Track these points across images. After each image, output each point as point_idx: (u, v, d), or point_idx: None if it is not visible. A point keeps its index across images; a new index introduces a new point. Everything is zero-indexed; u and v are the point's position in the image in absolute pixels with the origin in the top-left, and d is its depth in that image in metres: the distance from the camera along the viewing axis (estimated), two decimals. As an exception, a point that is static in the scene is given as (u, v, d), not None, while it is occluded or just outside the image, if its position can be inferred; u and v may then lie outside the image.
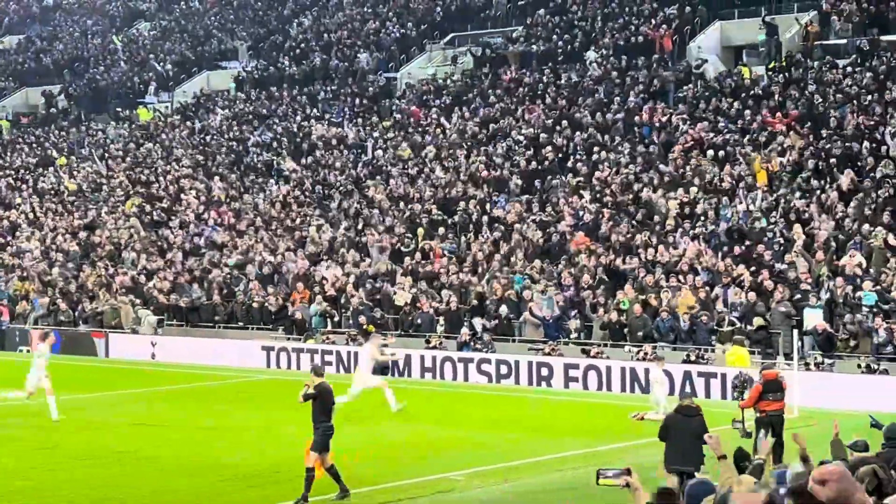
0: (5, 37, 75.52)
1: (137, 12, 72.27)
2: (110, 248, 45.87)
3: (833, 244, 31.78)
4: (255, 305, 38.69)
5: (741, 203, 35.03)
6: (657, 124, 40.95)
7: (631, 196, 37.49)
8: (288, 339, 37.09)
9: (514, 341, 33.60)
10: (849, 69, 39.88)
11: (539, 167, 41.25)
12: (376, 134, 48.75)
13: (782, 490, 6.93)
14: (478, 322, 34.24)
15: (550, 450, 22.36)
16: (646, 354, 30.38)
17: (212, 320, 39.74)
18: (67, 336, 41.47)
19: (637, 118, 41.64)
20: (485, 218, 39.35)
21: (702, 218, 35.09)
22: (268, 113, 54.08)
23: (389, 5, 58.59)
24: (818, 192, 34.34)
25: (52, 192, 53.36)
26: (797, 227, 32.73)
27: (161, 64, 63.09)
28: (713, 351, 30.35)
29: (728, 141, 38.27)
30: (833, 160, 35.17)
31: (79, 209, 50.66)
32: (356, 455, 20.55)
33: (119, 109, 60.69)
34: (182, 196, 48.70)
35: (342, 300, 37.41)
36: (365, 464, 21.05)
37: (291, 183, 47.18)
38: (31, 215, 51.06)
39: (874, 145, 35.12)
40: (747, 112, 39.43)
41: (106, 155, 55.59)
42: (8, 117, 65.17)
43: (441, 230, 39.55)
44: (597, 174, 39.41)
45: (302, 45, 58.27)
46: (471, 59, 51.07)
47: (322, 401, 17.97)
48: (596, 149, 40.86)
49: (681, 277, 32.58)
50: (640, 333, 31.37)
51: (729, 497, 7.10)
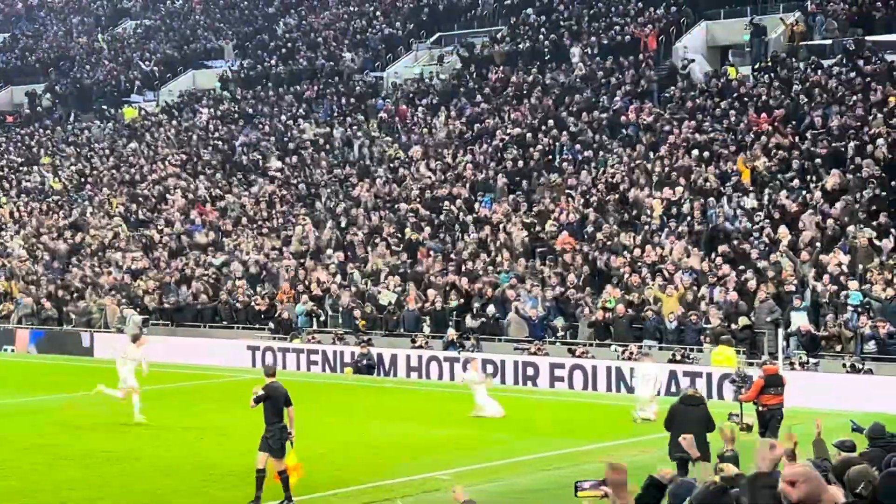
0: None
1: (123, 11, 72.06)
2: (96, 248, 45.74)
3: (818, 244, 31.83)
4: (241, 305, 38.62)
5: (727, 203, 35.05)
6: (643, 124, 40.98)
7: (617, 196, 37.50)
8: (274, 339, 37.01)
9: (500, 340, 33.59)
10: (835, 69, 39.96)
11: (525, 167, 41.25)
12: (362, 133, 48.70)
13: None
14: (468, 321, 34.15)
15: (536, 449, 22.36)
16: (631, 354, 30.40)
17: (197, 320, 39.64)
18: (52, 335, 41.38)
19: (623, 118, 41.67)
20: (471, 217, 39.34)
21: (687, 217, 35.11)
22: (254, 112, 53.97)
23: (376, 4, 58.52)
24: (804, 192, 34.40)
25: (37, 192, 53.20)
26: (782, 228, 32.78)
27: (146, 63, 62.92)
28: (700, 351, 30.36)
29: (714, 140, 38.31)
30: (818, 160, 35.23)
31: (63, 208, 50.51)
32: (341, 454, 20.48)
33: (104, 108, 60.51)
34: (168, 195, 48.56)
35: (328, 299, 37.37)
36: (350, 463, 21.04)
37: (277, 182, 47.07)
38: (17, 214, 50.90)
39: (859, 145, 35.18)
40: (732, 112, 39.48)
41: (91, 154, 55.43)
42: (-8, 116, 65.02)
43: (427, 229, 39.52)
44: (583, 174, 39.42)
45: (288, 45, 58.18)
46: (457, 59, 51.05)
47: (273, 401, 17.68)
48: (579, 147, 40.89)
49: (666, 275, 32.61)
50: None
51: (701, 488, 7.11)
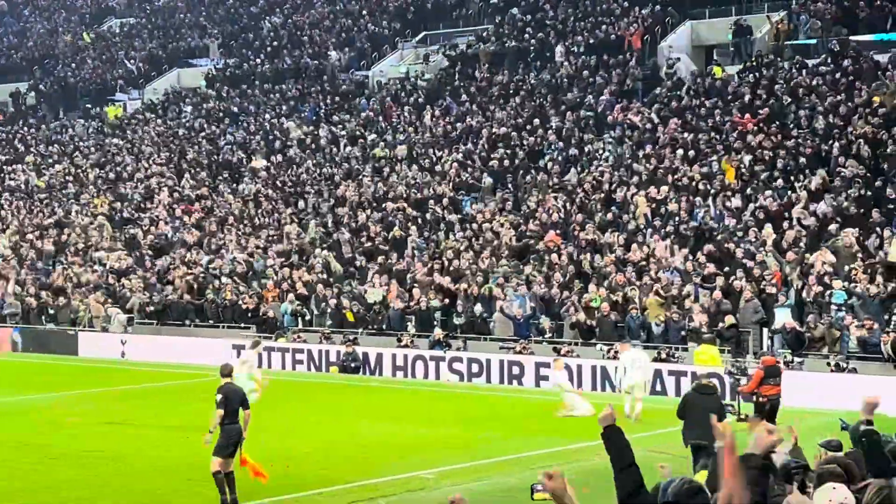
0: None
1: (108, 9, 71.87)
2: (80, 247, 45.60)
3: (803, 243, 31.90)
4: (227, 304, 38.55)
5: (712, 202, 35.11)
6: (628, 123, 41.04)
7: (602, 195, 37.54)
8: (259, 337, 36.88)
9: (486, 339, 33.59)
10: (820, 69, 40.05)
11: (511, 166, 41.27)
12: (346, 132, 48.64)
13: None
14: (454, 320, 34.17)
15: (521, 448, 22.37)
16: (616, 353, 30.37)
17: (182, 319, 39.57)
18: (37, 334, 41.23)
19: (609, 117, 41.72)
20: (456, 216, 39.34)
21: (673, 217, 35.15)
22: (239, 110, 53.87)
23: (361, 3, 58.48)
24: (788, 192, 34.47)
25: (22, 190, 53.00)
26: (767, 227, 32.85)
27: (131, 61, 62.75)
28: (685, 349, 30.39)
29: (699, 140, 38.37)
30: (803, 160, 35.32)
31: (48, 206, 50.34)
32: (326, 453, 20.44)
33: (89, 107, 60.34)
34: (154, 194, 48.44)
35: (314, 298, 37.33)
36: (336, 462, 21.02)
37: (261, 181, 47.00)
38: (1, 213, 50.69)
39: (844, 144, 35.26)
40: (717, 112, 39.56)
41: (75, 153, 55.27)
42: (-24, 115, 64.74)
43: (413, 228, 39.50)
44: (568, 173, 39.45)
45: (273, 43, 58.09)
46: (443, 58, 51.04)
47: (228, 402, 17.40)
48: (562, 145, 40.92)
49: (651, 274, 32.65)
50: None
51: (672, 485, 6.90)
